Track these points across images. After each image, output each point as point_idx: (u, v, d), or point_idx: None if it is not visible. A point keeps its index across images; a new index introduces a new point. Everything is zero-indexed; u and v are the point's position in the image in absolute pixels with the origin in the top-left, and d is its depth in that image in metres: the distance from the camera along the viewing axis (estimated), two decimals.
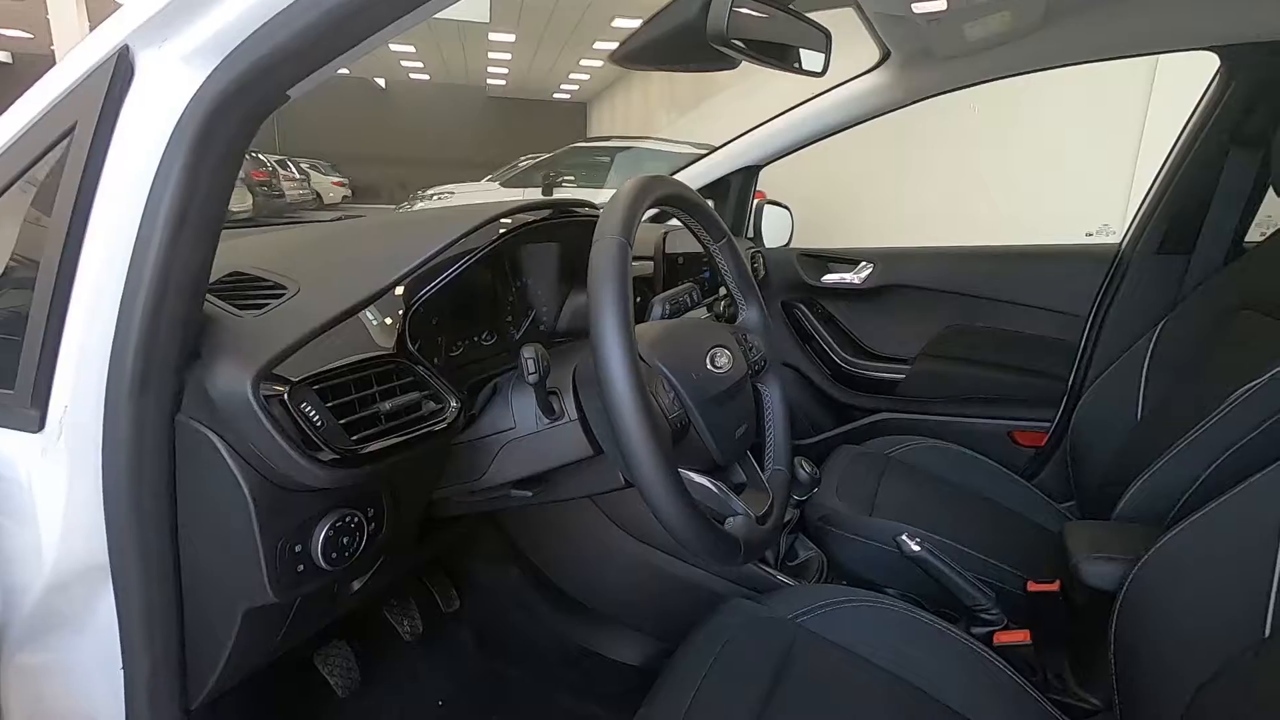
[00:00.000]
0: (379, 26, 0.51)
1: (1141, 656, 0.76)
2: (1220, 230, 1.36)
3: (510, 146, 12.98)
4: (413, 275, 0.73)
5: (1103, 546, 0.97)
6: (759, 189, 5.83)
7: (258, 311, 0.64)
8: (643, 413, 0.59)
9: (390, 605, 1.22)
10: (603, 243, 0.63)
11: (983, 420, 1.65)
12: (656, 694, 0.81)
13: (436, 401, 0.72)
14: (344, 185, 15.85)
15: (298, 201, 12.85)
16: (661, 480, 0.60)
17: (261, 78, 0.52)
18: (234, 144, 0.54)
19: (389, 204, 13.17)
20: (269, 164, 11.87)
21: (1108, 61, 1.39)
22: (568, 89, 19.48)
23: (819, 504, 1.30)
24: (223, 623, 0.64)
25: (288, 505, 0.61)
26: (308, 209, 13.47)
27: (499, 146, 15.06)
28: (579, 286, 1.07)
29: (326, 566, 0.65)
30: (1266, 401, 0.95)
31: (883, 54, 1.46)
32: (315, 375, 0.60)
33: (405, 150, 18.51)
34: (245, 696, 0.93)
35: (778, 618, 0.91)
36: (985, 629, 1.02)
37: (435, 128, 19.69)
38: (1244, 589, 0.65)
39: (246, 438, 0.57)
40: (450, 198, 7.14)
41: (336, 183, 15.59)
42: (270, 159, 12.22)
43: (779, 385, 0.92)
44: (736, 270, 0.89)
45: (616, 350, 0.59)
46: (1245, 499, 0.71)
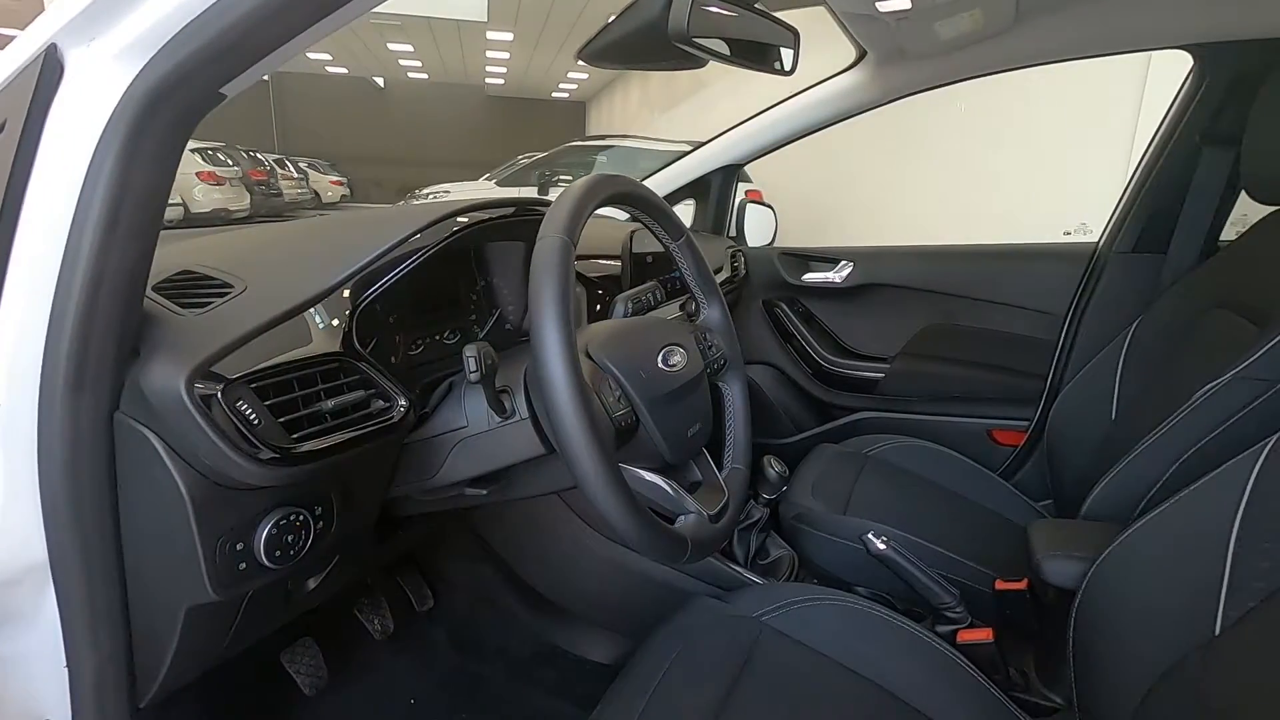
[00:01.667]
0: (307, 24, 0.51)
1: (1098, 654, 0.76)
2: (1194, 229, 1.36)
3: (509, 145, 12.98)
4: (360, 274, 0.73)
5: (1064, 544, 0.97)
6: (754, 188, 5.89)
7: (200, 310, 0.64)
8: (581, 411, 0.59)
9: (361, 604, 1.22)
10: (544, 241, 0.63)
11: (962, 419, 1.65)
12: (612, 694, 0.81)
13: (385, 400, 0.72)
14: (342, 184, 15.85)
15: (296, 200, 12.84)
16: (601, 478, 0.60)
17: (191, 76, 0.52)
18: (167, 143, 0.54)
19: (388, 204, 13.17)
20: (267, 163, 11.87)
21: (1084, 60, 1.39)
22: (566, 88, 19.48)
23: (793, 502, 1.31)
24: (166, 621, 0.64)
25: (228, 503, 0.61)
26: (306, 208, 13.47)
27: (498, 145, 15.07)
28: None
29: (270, 565, 0.65)
30: (1227, 401, 0.95)
31: (859, 53, 1.46)
32: (253, 373, 0.60)
33: (404, 149, 18.53)
34: (205, 694, 0.94)
35: (742, 616, 0.91)
36: (950, 627, 1.02)
37: (434, 127, 19.69)
38: (1196, 587, 0.65)
39: (182, 436, 0.57)
40: (446, 197, 7.15)
41: (335, 182, 15.59)
42: (268, 158, 12.23)
43: (741, 384, 0.92)
44: (697, 269, 0.89)
45: (555, 349, 0.59)
46: (1198, 497, 0.71)
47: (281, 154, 13.81)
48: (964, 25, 1.21)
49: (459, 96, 19.75)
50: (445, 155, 17.34)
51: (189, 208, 9.12)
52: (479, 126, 20.15)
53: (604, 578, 1.21)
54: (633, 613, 1.22)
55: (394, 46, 14.81)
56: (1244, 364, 0.94)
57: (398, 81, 19.30)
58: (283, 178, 12.41)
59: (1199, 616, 0.64)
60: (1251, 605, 0.60)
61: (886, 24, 1.20)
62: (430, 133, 19.50)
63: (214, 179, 9.73)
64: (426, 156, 17.60)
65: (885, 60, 1.44)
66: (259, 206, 10.71)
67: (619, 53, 1.03)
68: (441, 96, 19.65)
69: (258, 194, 10.86)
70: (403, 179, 10.21)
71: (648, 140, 7.10)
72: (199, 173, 9.50)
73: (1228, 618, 0.62)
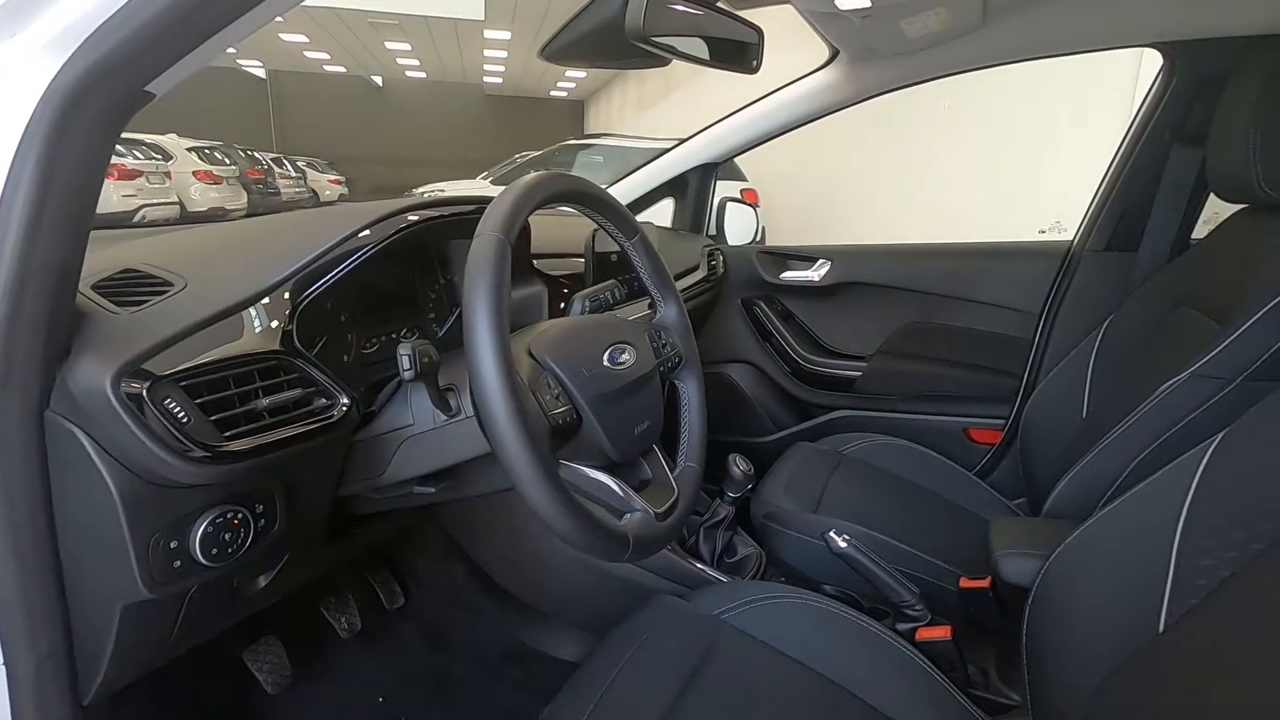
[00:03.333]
0: (230, 19, 0.51)
1: (1049, 652, 0.76)
2: (1165, 227, 1.36)
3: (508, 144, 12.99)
4: (300, 273, 0.73)
5: (1022, 542, 0.97)
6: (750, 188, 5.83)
7: (136, 308, 0.64)
8: (511, 409, 0.59)
9: (328, 602, 1.22)
10: (480, 240, 0.63)
11: (939, 417, 1.65)
12: (563, 693, 0.81)
13: (327, 398, 0.72)
14: (340, 183, 15.86)
15: (294, 200, 12.83)
16: (533, 477, 0.60)
17: (114, 72, 0.52)
18: (94, 142, 0.54)
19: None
20: (265, 162, 11.87)
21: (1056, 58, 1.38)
22: (565, 86, 19.47)
23: (764, 501, 1.31)
24: (102, 618, 0.64)
25: (160, 501, 0.61)
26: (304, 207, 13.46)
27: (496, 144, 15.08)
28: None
29: (207, 563, 0.65)
30: (1185, 399, 0.96)
31: (831, 52, 1.46)
32: (183, 372, 0.60)
33: (402, 149, 18.53)
34: (161, 691, 0.94)
35: (702, 614, 0.91)
36: (910, 625, 1.02)
37: (432, 126, 19.69)
38: (1142, 585, 0.65)
39: (110, 434, 0.57)
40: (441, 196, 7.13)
41: (333, 181, 15.60)
42: (266, 157, 12.23)
43: (696, 382, 0.92)
44: (652, 267, 0.89)
45: (487, 348, 0.59)
46: (1147, 495, 0.71)
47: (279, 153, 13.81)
48: (931, 24, 1.21)
49: (457, 95, 19.75)
50: (444, 154, 17.33)
51: (185, 206, 9.12)
52: (477, 125, 20.15)
53: (570, 576, 1.21)
54: (600, 611, 1.22)
55: (391, 45, 14.81)
56: (1201, 361, 0.94)
57: (396, 80, 19.30)
58: (280, 176, 12.40)
59: (1145, 614, 0.64)
60: (1194, 602, 0.60)
61: (852, 22, 1.20)
62: (428, 132, 19.50)
63: (211, 178, 9.73)
64: (425, 155, 17.59)
65: (858, 59, 1.44)
66: (256, 205, 10.70)
67: (580, 51, 1.03)
68: (439, 95, 19.65)
69: (255, 193, 10.86)
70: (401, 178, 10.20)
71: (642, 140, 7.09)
72: (196, 171, 9.50)
73: (1171, 615, 0.62)
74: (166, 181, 8.81)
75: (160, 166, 8.74)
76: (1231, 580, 0.58)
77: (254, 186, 10.95)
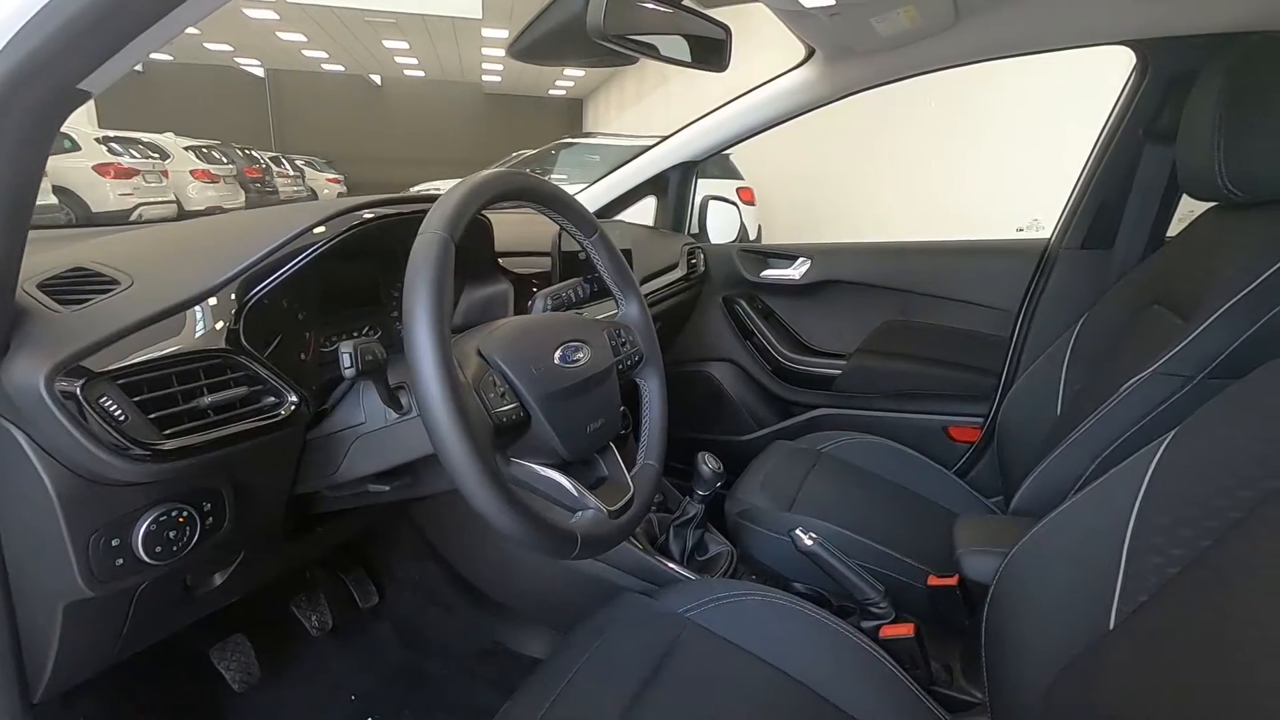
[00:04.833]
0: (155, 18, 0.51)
1: (1007, 649, 0.77)
2: (1139, 225, 1.36)
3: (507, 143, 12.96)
4: (247, 272, 0.73)
5: (985, 540, 0.97)
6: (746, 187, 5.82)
7: (78, 307, 0.64)
8: (450, 408, 0.59)
9: (299, 600, 1.22)
10: (421, 238, 0.63)
11: (919, 415, 1.65)
12: (523, 690, 0.81)
13: (276, 396, 0.72)
14: (339, 182, 15.88)
15: (292, 198, 12.85)
16: (473, 475, 0.60)
17: (42, 71, 0.52)
18: (24, 143, 0.54)
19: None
20: (263, 161, 11.89)
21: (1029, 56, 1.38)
22: (564, 84, 19.46)
23: (739, 499, 1.31)
24: (45, 617, 0.65)
25: (101, 499, 0.61)
26: None
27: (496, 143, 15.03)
28: (473, 281, 1.08)
29: (150, 561, 0.65)
30: (1147, 396, 0.96)
31: (808, 50, 1.46)
32: (121, 370, 0.60)
33: (401, 148, 18.53)
34: (121, 688, 0.94)
35: (666, 611, 0.91)
36: (874, 623, 1.02)
37: (431, 124, 19.69)
38: (1094, 582, 0.65)
39: (46, 432, 0.57)
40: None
41: (331, 179, 15.62)
42: (264, 156, 12.24)
43: (658, 380, 0.92)
44: (613, 266, 0.89)
45: (426, 347, 0.59)
46: (1102, 492, 0.72)
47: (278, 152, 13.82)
48: (901, 22, 1.21)
49: (456, 94, 19.74)
50: (442, 153, 17.32)
51: (183, 205, 9.13)
52: (476, 124, 20.13)
53: (540, 574, 1.21)
54: (570, 609, 1.22)
55: (389, 44, 14.81)
56: (1164, 359, 0.94)
57: (394, 79, 19.29)
58: (279, 175, 12.42)
59: (1096, 611, 0.64)
60: (1142, 600, 0.61)
61: (822, 20, 1.20)
62: (427, 130, 19.49)
63: (208, 177, 9.73)
64: (424, 154, 17.58)
65: (834, 57, 1.44)
66: (254, 204, 10.71)
67: (546, 49, 1.03)
68: (438, 94, 19.64)
69: (253, 192, 10.87)
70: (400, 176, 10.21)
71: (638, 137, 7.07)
72: (193, 170, 9.51)
73: (1121, 613, 0.62)
74: (164, 180, 8.80)
75: (157, 165, 8.74)
76: (1179, 576, 0.58)
77: (252, 185, 10.97)
